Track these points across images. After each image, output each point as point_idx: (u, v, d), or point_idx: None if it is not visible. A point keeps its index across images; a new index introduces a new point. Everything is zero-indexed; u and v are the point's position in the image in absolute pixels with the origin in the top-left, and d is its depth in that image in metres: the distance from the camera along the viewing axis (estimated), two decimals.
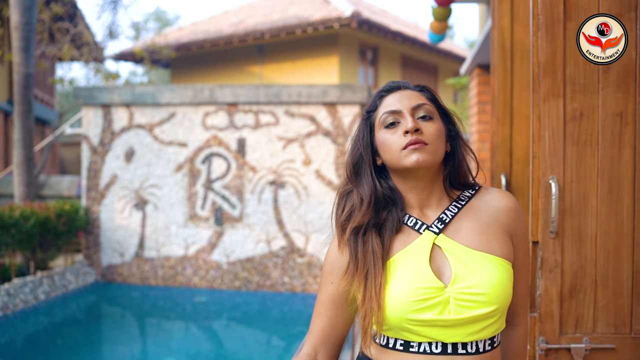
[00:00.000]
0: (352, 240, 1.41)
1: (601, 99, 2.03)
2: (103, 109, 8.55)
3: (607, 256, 2.04)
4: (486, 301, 1.31)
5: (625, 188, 2.03)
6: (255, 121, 8.23)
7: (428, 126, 1.40)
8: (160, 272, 8.46)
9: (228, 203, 8.32)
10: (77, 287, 8.01)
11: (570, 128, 2.04)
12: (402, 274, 1.34)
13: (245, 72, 15.79)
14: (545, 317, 2.05)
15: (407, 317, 1.31)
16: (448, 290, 1.32)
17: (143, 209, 8.51)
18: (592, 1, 2.02)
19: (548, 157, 2.03)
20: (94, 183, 8.58)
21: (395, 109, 1.42)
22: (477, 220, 1.42)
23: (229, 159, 8.31)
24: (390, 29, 14.66)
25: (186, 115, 8.38)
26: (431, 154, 1.37)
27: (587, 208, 2.04)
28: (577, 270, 2.04)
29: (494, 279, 1.32)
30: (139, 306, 8.16)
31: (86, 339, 6.76)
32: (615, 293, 2.04)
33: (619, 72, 2.02)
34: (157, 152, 8.46)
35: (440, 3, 5.52)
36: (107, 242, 8.57)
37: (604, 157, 2.03)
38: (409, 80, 1.53)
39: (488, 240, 1.39)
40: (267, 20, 15.00)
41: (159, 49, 12.06)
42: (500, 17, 3.08)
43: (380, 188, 1.42)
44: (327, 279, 1.45)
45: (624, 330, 2.04)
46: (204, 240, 8.37)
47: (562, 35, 2.04)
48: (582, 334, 2.04)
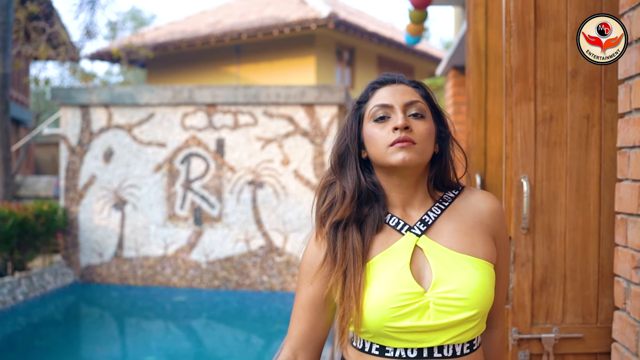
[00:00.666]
0: (331, 234, 1.36)
1: (569, 103, 2.15)
2: (81, 110, 8.54)
3: (575, 251, 2.16)
4: (466, 306, 1.28)
5: (591, 187, 2.15)
6: (234, 122, 8.29)
7: (418, 125, 1.35)
8: (139, 272, 8.47)
9: (207, 203, 8.37)
10: (56, 288, 7.99)
11: (541, 130, 2.16)
12: (382, 277, 1.31)
13: (222, 72, 15.80)
14: (518, 309, 2.16)
15: (385, 324, 1.28)
16: (428, 294, 1.29)
17: (122, 209, 8.52)
18: (560, 10, 2.15)
19: (520, 157, 2.15)
20: (72, 183, 8.57)
21: (386, 102, 1.37)
22: (460, 221, 1.39)
23: (208, 159, 8.36)
24: (367, 29, 14.79)
25: (165, 116, 8.41)
26: (418, 153, 1.33)
27: (557, 205, 2.15)
28: (547, 265, 2.16)
29: (475, 282, 1.30)
30: (118, 306, 8.17)
31: (65, 340, 6.75)
32: (583, 285, 2.16)
33: (586, 77, 2.14)
34: (136, 152, 8.47)
35: (416, 6, 5.64)
36: (85, 242, 8.56)
37: (572, 157, 2.15)
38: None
39: (471, 242, 1.36)
40: (244, 20, 15.03)
41: (136, 49, 12.03)
42: (475, 22, 3.20)
43: (364, 182, 1.38)
44: (306, 280, 1.40)
45: (591, 320, 2.16)
46: (183, 240, 8.40)
47: (533, 42, 2.15)
48: (552, 324, 2.16)
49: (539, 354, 2.16)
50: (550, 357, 2.15)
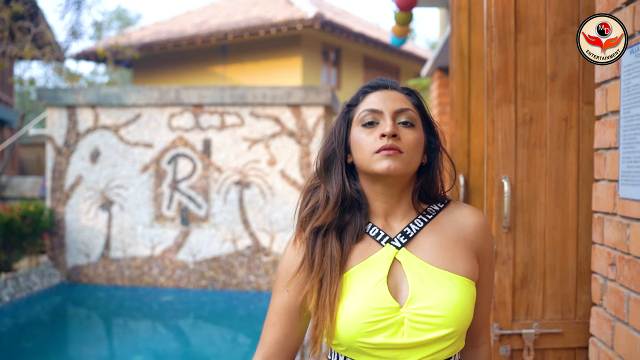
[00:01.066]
0: (310, 239, 1.33)
1: (549, 105, 2.22)
2: (68, 110, 8.54)
3: (555, 249, 2.22)
4: (442, 324, 1.24)
5: (570, 186, 2.22)
6: (221, 122, 8.32)
7: (407, 134, 1.32)
8: (126, 272, 8.49)
9: (194, 203, 8.39)
10: (42, 289, 7.99)
11: (521, 131, 2.22)
12: (358, 290, 1.27)
13: (208, 72, 15.80)
14: (499, 306, 2.22)
15: (358, 339, 1.24)
16: (403, 310, 1.25)
17: (109, 210, 8.53)
18: (540, 15, 2.21)
19: (501, 158, 2.21)
20: (58, 184, 8.56)
21: (376, 108, 1.34)
22: (442, 236, 1.35)
23: (195, 160, 8.38)
24: (353, 30, 14.85)
25: (152, 116, 8.43)
26: (404, 163, 1.29)
27: (537, 205, 2.22)
28: (527, 262, 2.22)
29: (453, 299, 1.26)
30: (105, 306, 8.18)
31: (53, 341, 6.76)
32: (562, 282, 2.23)
33: (564, 80, 2.21)
34: (122, 153, 8.48)
35: (401, 8, 5.70)
36: (72, 243, 8.56)
37: (551, 158, 2.22)
38: (369, 81, 1.48)
39: (452, 258, 1.32)
40: (230, 20, 15.04)
41: (122, 49, 12.01)
42: (459, 26, 3.26)
43: (349, 189, 1.35)
44: (282, 285, 1.36)
45: (570, 316, 2.23)
46: (170, 240, 8.42)
47: (513, 46, 2.22)
48: (532, 320, 2.22)
49: (520, 349, 2.23)
50: (530, 352, 2.21)
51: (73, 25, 10.53)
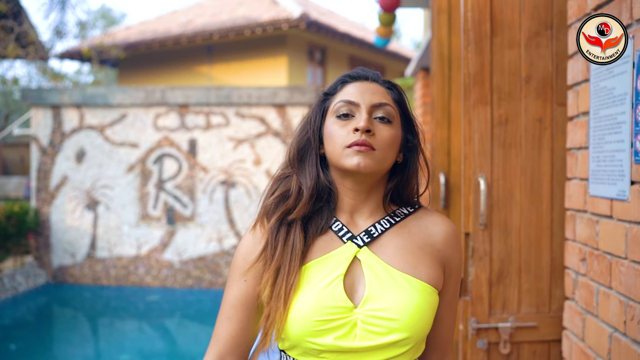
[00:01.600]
0: (275, 228, 1.26)
1: (524, 106, 2.29)
2: (53, 110, 8.54)
3: (530, 245, 2.30)
4: (397, 328, 1.17)
5: (544, 185, 2.30)
6: (206, 122, 8.36)
7: (383, 130, 1.25)
8: (112, 272, 8.50)
9: (180, 203, 8.43)
10: (28, 289, 7.99)
11: (497, 132, 2.29)
12: (313, 286, 1.20)
13: (194, 72, 15.79)
14: (476, 300, 2.30)
15: (307, 338, 1.17)
16: (357, 311, 1.19)
17: (94, 210, 8.54)
18: (514, 20, 2.29)
19: (477, 158, 2.28)
20: (43, 184, 8.56)
21: (353, 100, 1.27)
22: (408, 240, 1.28)
23: (181, 160, 8.42)
24: (338, 30, 14.90)
25: (137, 116, 8.45)
26: (376, 161, 1.23)
27: (512, 203, 2.30)
28: (503, 258, 2.30)
29: (411, 303, 1.19)
30: (91, 306, 8.20)
31: (39, 341, 6.77)
32: (537, 278, 2.30)
33: (538, 83, 2.29)
34: (108, 152, 8.50)
35: (385, 9, 5.77)
36: (58, 243, 8.56)
37: (526, 157, 2.29)
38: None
39: (415, 263, 1.25)
40: (216, 20, 15.03)
41: (107, 49, 11.99)
42: (439, 28, 3.33)
43: (323, 181, 1.28)
44: (238, 275, 1.28)
45: (544, 309, 2.31)
46: (156, 240, 8.45)
47: (489, 49, 2.29)
48: (508, 314, 2.30)
49: (497, 342, 2.30)
50: (506, 345, 2.29)
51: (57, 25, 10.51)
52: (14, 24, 11.23)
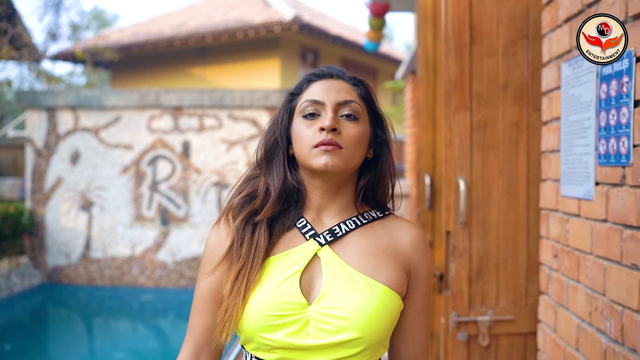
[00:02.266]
0: (240, 227, 1.25)
1: (501, 112, 2.43)
2: (48, 112, 8.63)
3: (507, 243, 2.43)
4: (348, 327, 1.15)
5: (521, 186, 2.43)
6: (200, 124, 8.48)
7: (349, 128, 1.24)
8: (107, 272, 8.60)
9: (173, 204, 8.53)
10: (23, 289, 8.08)
11: (476, 136, 2.42)
12: (271, 281, 1.21)
13: (187, 73, 15.87)
14: (457, 295, 2.43)
15: (259, 333, 1.17)
16: (310, 308, 1.18)
17: (89, 211, 8.63)
18: (492, 30, 2.42)
19: (457, 160, 2.41)
20: (38, 185, 8.65)
21: (318, 99, 1.26)
22: (372, 242, 1.27)
23: (174, 161, 8.53)
24: (331, 33, 15.02)
25: (132, 119, 8.55)
26: (344, 160, 1.22)
27: (490, 203, 2.43)
28: (482, 255, 2.43)
29: (366, 304, 1.17)
30: (86, 306, 8.29)
31: (35, 340, 6.86)
32: (514, 274, 2.44)
33: (515, 89, 2.42)
34: (102, 154, 8.60)
35: (375, 14, 5.91)
36: (52, 244, 8.65)
37: (503, 160, 2.43)
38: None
39: (376, 265, 1.23)
40: (209, 22, 15.12)
41: (100, 51, 12.07)
42: (424, 35, 3.46)
43: (290, 182, 1.28)
44: (208, 268, 1.28)
45: (521, 304, 2.44)
46: (150, 241, 8.55)
47: (468, 57, 2.42)
48: (487, 308, 2.43)
49: (476, 335, 2.43)
50: (485, 337, 2.42)
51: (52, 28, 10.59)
52: (7, 26, 11.31)
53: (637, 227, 1.55)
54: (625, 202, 1.61)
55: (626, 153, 1.60)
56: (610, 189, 1.70)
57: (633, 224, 1.56)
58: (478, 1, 2.42)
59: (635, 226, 1.56)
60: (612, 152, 1.68)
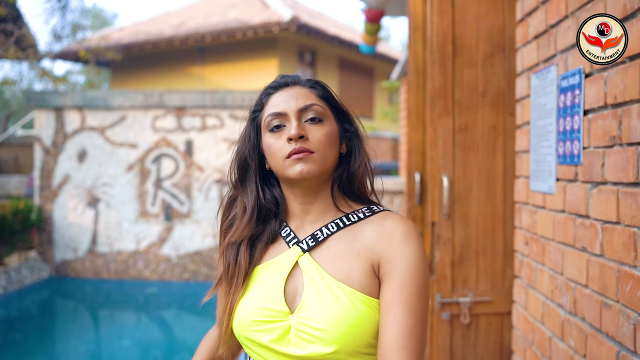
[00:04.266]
0: (225, 251, 1.31)
1: (480, 116, 2.73)
2: (55, 112, 8.90)
3: (486, 233, 2.74)
4: (324, 339, 1.13)
5: (497, 182, 2.74)
6: (202, 124, 8.76)
7: (315, 131, 1.24)
8: (112, 266, 8.88)
9: (177, 200, 8.82)
10: (33, 282, 8.36)
11: (458, 138, 2.73)
12: (257, 288, 1.25)
13: (186, 73, 16.09)
14: (441, 279, 2.73)
15: (244, 334, 1.23)
16: (292, 317, 1.19)
17: (95, 207, 8.92)
18: (472, 43, 2.73)
19: (441, 159, 2.72)
20: (46, 182, 8.92)
21: (279, 111, 1.26)
22: (350, 245, 1.24)
23: (178, 159, 8.81)
24: (328, 33, 15.26)
25: (136, 118, 8.83)
26: (318, 163, 1.22)
27: (471, 197, 2.73)
28: (464, 244, 2.74)
29: (339, 314, 1.14)
30: (93, 299, 8.55)
31: (47, 330, 7.14)
32: (492, 260, 2.74)
33: (493, 96, 2.73)
34: (108, 153, 8.87)
35: (370, 20, 6.18)
36: (60, 238, 8.93)
37: (482, 159, 2.73)
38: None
39: (349, 270, 1.20)
40: (208, 22, 15.31)
41: (103, 51, 12.34)
42: (415, 44, 3.76)
43: (264, 199, 1.30)
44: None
45: (498, 287, 2.75)
46: (154, 236, 8.84)
47: (451, 68, 2.73)
48: (468, 291, 2.74)
49: (458, 314, 2.74)
50: (466, 316, 2.73)
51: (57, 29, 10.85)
52: (14, 28, 11.59)
53: (585, 215, 1.86)
54: (577, 195, 1.92)
55: (577, 154, 1.91)
56: (567, 184, 2.01)
57: (582, 213, 1.87)
58: (460, 18, 2.73)
59: (584, 215, 1.87)
60: (568, 153, 1.99)
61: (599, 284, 1.74)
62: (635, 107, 1.53)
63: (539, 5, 2.27)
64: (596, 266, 1.76)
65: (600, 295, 1.73)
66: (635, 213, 1.52)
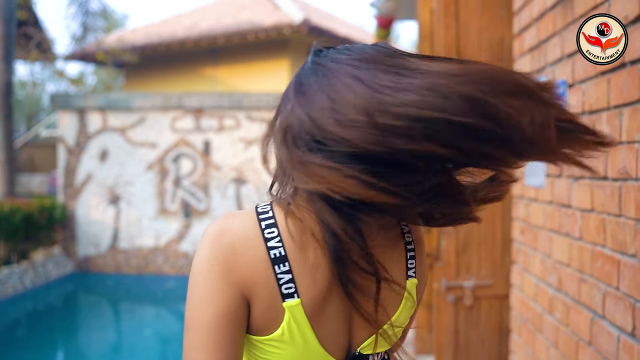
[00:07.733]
0: None
1: None
2: (78, 114, 9.26)
3: (486, 223, 3.06)
4: None
5: None
6: (219, 125, 9.11)
7: None
8: (133, 261, 9.24)
9: (195, 198, 9.17)
10: (58, 276, 8.73)
11: None
12: None
13: (199, 74, 16.26)
14: (447, 265, 3.06)
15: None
16: None
17: (117, 205, 9.28)
18: (475, 54, 3.05)
19: None
20: (70, 181, 9.28)
21: None
22: None
23: (196, 159, 9.16)
24: (339, 34, 15.47)
25: (156, 119, 9.18)
26: None
27: None
28: (467, 233, 3.06)
29: None
30: (114, 293, 8.91)
31: (73, 321, 7.52)
32: (492, 248, 3.06)
33: None
34: (129, 152, 9.23)
35: (382, 26, 6.50)
36: (83, 235, 9.29)
37: None
38: None
39: None
40: (220, 24, 15.47)
41: (120, 53, 12.67)
42: (422, 52, 4.08)
43: None
44: None
45: (497, 272, 3.07)
46: (173, 232, 9.19)
47: None
48: (470, 275, 3.06)
49: (462, 297, 3.06)
50: (469, 299, 3.05)
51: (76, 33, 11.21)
52: (34, 31, 11.99)
53: (568, 205, 2.18)
54: (562, 188, 2.24)
55: None
56: (554, 179, 2.33)
57: (566, 203, 2.19)
58: (463, 31, 3.05)
59: (567, 205, 2.19)
60: None
61: (578, 263, 2.06)
62: (604, 114, 1.85)
63: (532, 22, 2.59)
64: (576, 248, 2.08)
65: (580, 272, 2.05)
66: (604, 202, 1.84)
